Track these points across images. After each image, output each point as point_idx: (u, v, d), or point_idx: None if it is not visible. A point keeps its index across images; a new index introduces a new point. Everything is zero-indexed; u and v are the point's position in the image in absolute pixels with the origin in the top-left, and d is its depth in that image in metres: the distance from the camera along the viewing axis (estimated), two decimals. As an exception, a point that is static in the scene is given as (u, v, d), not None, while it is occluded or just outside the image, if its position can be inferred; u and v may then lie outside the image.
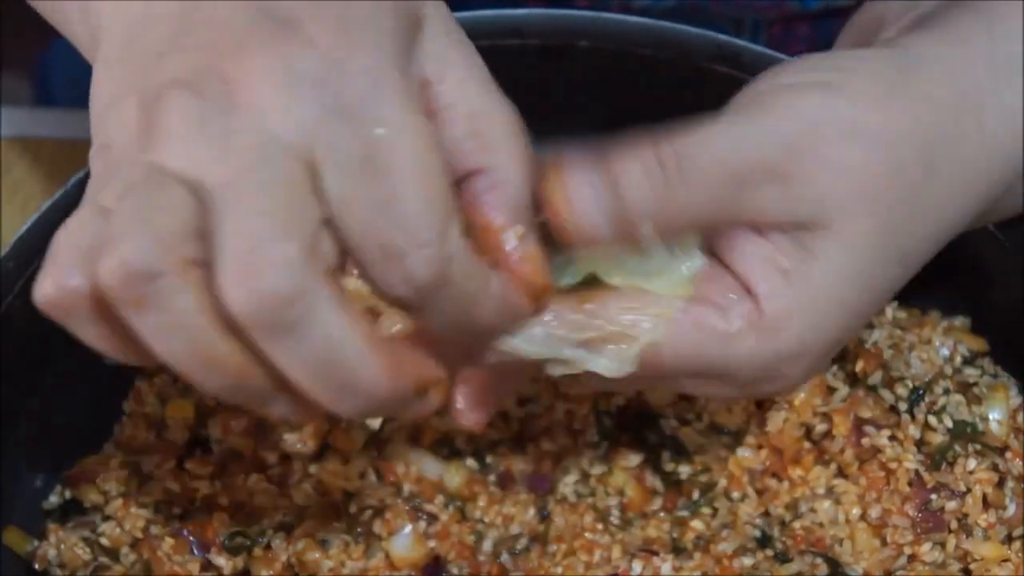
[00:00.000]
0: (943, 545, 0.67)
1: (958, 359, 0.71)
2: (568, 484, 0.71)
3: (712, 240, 0.58)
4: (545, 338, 0.56)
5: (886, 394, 0.69)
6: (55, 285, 0.49)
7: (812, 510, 0.69)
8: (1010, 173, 0.60)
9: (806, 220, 0.56)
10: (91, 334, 0.50)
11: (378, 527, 0.70)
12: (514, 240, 0.53)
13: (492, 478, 0.72)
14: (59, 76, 1.05)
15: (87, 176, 0.70)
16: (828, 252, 0.56)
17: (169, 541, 0.69)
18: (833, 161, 0.56)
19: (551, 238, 0.56)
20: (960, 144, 0.59)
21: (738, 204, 0.56)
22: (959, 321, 0.74)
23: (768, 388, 0.59)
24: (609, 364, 0.56)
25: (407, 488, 0.71)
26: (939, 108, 0.58)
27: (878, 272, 0.58)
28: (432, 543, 0.70)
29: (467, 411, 0.58)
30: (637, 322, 0.56)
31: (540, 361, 0.56)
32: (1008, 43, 0.60)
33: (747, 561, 0.67)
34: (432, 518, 0.70)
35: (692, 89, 0.76)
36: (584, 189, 0.55)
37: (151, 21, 0.52)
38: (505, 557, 0.69)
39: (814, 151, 0.56)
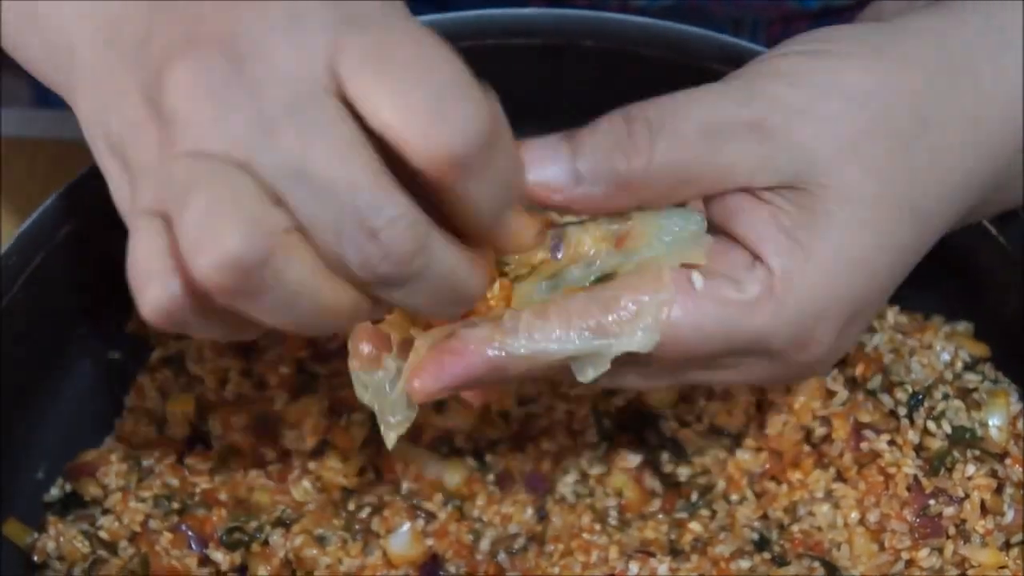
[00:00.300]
0: (941, 551, 0.67)
1: (959, 364, 0.71)
2: (567, 484, 0.71)
3: (716, 216, 0.58)
4: (564, 331, 0.55)
5: (886, 399, 0.69)
6: (160, 298, 0.49)
7: (810, 514, 0.69)
8: (1014, 138, 0.60)
9: (794, 177, 0.56)
10: (207, 330, 0.51)
11: (376, 525, 0.70)
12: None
13: (491, 477, 0.72)
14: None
15: (86, 175, 0.71)
16: (828, 208, 0.56)
17: (167, 535, 0.69)
18: (814, 114, 0.56)
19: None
20: (956, 101, 0.59)
21: (716, 161, 0.56)
22: (962, 326, 0.74)
23: (805, 357, 0.58)
24: (632, 340, 0.56)
25: (406, 486, 0.71)
26: (927, 67, 0.59)
27: (886, 226, 0.57)
28: (430, 541, 0.70)
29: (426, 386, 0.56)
30: (650, 293, 0.56)
31: (569, 362, 0.56)
32: (1005, 13, 0.60)
33: (745, 564, 0.67)
34: (430, 516, 0.70)
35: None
36: (545, 152, 0.55)
37: (123, 19, 0.52)
38: (502, 556, 0.69)
39: (793, 105, 0.56)
